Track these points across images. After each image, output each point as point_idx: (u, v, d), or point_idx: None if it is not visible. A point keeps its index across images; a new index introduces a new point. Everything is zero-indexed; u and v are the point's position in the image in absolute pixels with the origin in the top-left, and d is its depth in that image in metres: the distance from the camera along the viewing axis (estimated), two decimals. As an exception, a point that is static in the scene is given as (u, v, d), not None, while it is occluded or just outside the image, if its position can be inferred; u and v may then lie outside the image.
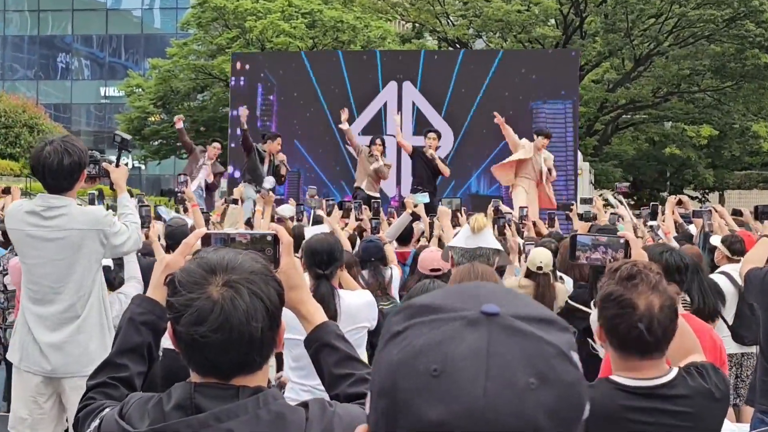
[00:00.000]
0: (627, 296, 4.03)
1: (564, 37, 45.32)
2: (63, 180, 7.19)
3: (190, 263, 2.94)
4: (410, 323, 1.71)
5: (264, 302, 2.84)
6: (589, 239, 5.03)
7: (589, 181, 32.02)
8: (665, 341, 4.09)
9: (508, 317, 1.67)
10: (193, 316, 2.79)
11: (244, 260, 2.90)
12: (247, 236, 3.54)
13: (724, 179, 52.96)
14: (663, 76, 45.88)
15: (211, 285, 2.82)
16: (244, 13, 48.62)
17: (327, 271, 6.87)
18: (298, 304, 3.54)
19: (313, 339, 3.55)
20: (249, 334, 2.80)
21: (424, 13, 47.74)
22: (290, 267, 3.51)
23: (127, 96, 54.95)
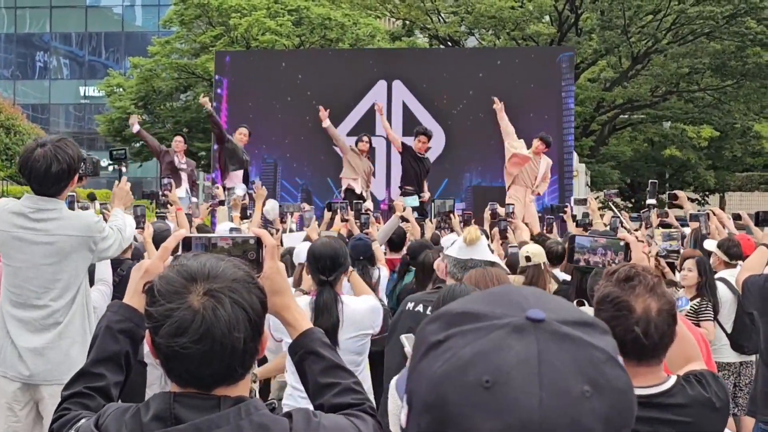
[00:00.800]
0: (624, 299, 3.97)
1: (559, 35, 44.65)
2: (49, 186, 7.11)
3: (169, 270, 2.87)
4: (450, 332, 1.69)
5: (246, 312, 2.79)
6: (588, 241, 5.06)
7: (585, 183, 31.31)
8: (663, 347, 4.01)
9: (554, 322, 1.66)
10: (173, 326, 2.74)
11: (225, 267, 2.85)
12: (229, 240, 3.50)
13: (725, 181, 52.69)
14: (661, 75, 45.48)
15: (191, 294, 2.76)
16: (228, 10, 48.35)
17: (331, 277, 6.90)
18: (283, 310, 3.50)
19: (298, 346, 3.52)
20: (231, 345, 2.76)
21: (414, 10, 47.30)
22: (274, 272, 3.46)
23: (108, 96, 54.64)
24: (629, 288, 3.98)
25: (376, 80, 23.62)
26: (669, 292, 4.10)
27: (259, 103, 23.89)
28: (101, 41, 79.19)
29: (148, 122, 51.53)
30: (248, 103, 23.88)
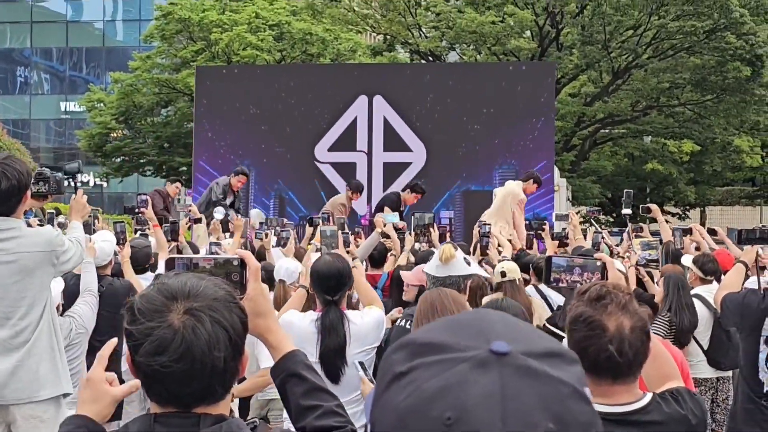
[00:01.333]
0: (596, 318, 3.95)
1: (540, 50, 44.54)
2: (1, 204, 7.06)
3: (150, 289, 2.87)
4: (414, 364, 1.67)
5: (227, 331, 2.78)
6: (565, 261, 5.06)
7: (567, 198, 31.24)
8: (637, 364, 4.01)
9: (518, 356, 1.64)
10: (153, 345, 2.73)
11: (206, 286, 2.84)
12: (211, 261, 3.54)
13: (705, 195, 52.56)
14: (642, 90, 45.41)
15: (171, 312, 2.75)
16: (209, 25, 48.23)
17: (336, 296, 6.95)
18: (266, 332, 3.49)
19: (281, 368, 3.51)
20: (211, 364, 2.74)
21: (395, 24, 47.16)
22: (257, 293, 3.47)
23: (88, 111, 54.36)
24: (601, 307, 3.97)
25: (357, 95, 23.49)
26: (641, 309, 4.09)
27: (239, 118, 23.75)
28: (82, 56, 79.00)
29: (129, 137, 51.49)
30: (229, 117, 23.77)
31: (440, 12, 45.47)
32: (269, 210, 22.84)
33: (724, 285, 8.21)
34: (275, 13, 50.12)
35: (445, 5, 45.64)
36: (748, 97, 43.34)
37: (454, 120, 23.06)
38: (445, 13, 45.05)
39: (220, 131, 23.59)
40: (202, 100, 24.74)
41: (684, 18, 41.12)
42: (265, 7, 50.56)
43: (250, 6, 50.73)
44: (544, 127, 23.20)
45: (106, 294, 9.37)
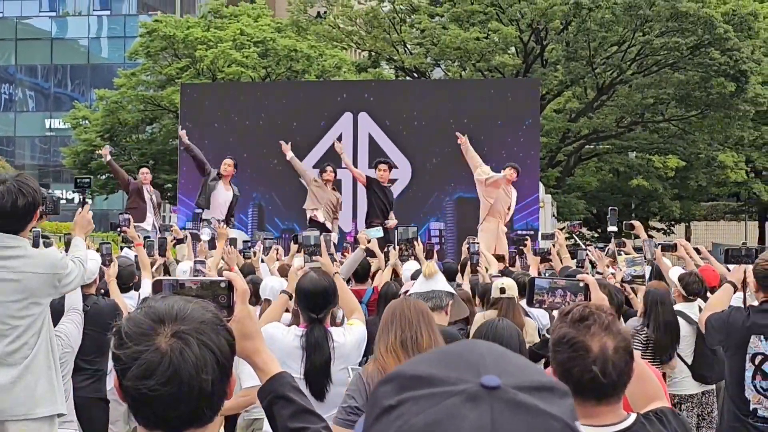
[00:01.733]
0: (579, 339, 3.94)
1: (524, 66, 44.68)
2: (16, 222, 7.04)
3: (137, 312, 2.85)
4: (403, 397, 1.65)
5: (215, 354, 2.76)
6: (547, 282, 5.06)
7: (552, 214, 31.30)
8: (621, 384, 3.98)
9: (509, 390, 1.63)
10: (141, 368, 2.71)
11: (193, 309, 2.82)
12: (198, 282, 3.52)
13: (690, 211, 52.62)
14: (626, 105, 45.55)
15: (159, 336, 2.74)
16: (194, 42, 48.31)
17: (321, 314, 6.95)
18: (253, 354, 3.49)
19: (268, 390, 3.50)
20: (199, 387, 2.72)
21: (380, 41, 47.28)
22: (245, 315, 3.46)
23: (73, 128, 54.37)
24: (584, 328, 3.95)
25: (342, 112, 23.56)
26: (625, 329, 4.08)
27: (225, 135, 23.76)
28: (67, 73, 78.90)
29: (114, 154, 51.32)
30: (215, 135, 23.75)
31: (425, 28, 45.52)
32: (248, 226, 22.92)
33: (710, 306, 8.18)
34: (260, 30, 50.20)
35: (430, 22, 45.70)
36: (732, 112, 43.43)
37: (439, 137, 23.04)
38: (429, 30, 45.13)
39: (206, 148, 23.56)
40: (187, 117, 24.71)
41: (668, 34, 41.24)
42: (250, 24, 50.62)
43: (234, 23, 50.78)
44: (528, 144, 23.25)
45: (91, 313, 9.31)
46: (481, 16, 44.20)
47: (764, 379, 7.64)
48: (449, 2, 45.71)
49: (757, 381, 7.66)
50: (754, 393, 7.68)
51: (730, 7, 41.06)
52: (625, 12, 40.79)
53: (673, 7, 40.00)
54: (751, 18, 41.35)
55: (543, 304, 4.99)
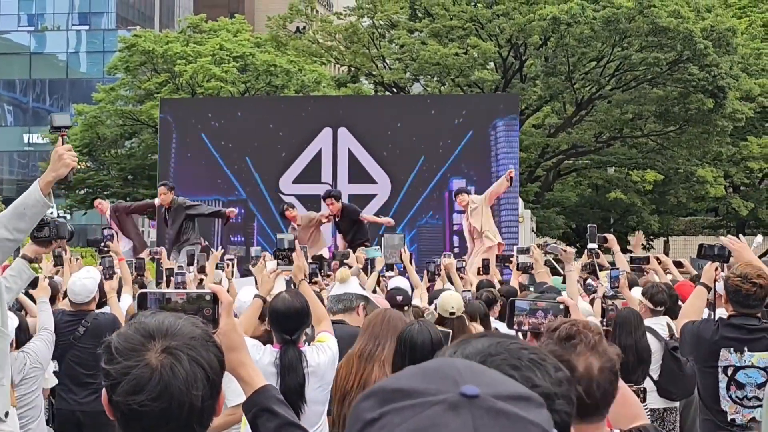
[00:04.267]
0: (565, 357, 3.84)
1: (503, 81, 44.74)
2: None
3: (127, 328, 2.85)
4: (385, 410, 1.68)
5: (205, 369, 2.77)
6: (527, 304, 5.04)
7: (531, 229, 31.39)
8: (605, 404, 3.96)
9: (489, 398, 1.67)
10: (131, 384, 2.70)
11: (183, 325, 2.83)
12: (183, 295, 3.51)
13: (669, 225, 52.67)
14: (605, 121, 45.64)
15: (149, 351, 2.74)
16: (173, 57, 48.23)
17: (294, 336, 7.00)
18: (238, 367, 3.50)
19: (253, 403, 3.51)
20: (189, 403, 2.72)
21: (359, 56, 47.40)
22: (230, 328, 3.47)
23: (52, 143, 53.62)
24: (570, 346, 3.94)
25: (322, 128, 23.47)
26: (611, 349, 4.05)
27: (204, 150, 23.70)
28: (45, 88, 78.79)
29: (93, 169, 51.26)
30: (192, 150, 23.71)
31: (404, 44, 45.66)
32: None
33: (685, 313, 8.22)
34: (239, 45, 50.19)
35: (409, 37, 45.77)
36: (710, 128, 43.54)
37: (418, 152, 23.08)
38: (408, 45, 45.23)
39: (185, 163, 23.53)
40: (166, 131, 24.66)
41: (647, 49, 41.35)
42: (229, 39, 50.61)
43: (214, 38, 50.76)
44: (507, 159, 23.21)
45: (91, 328, 9.48)
46: (460, 32, 44.25)
47: (739, 388, 7.69)
48: (428, 18, 45.79)
49: (732, 392, 7.72)
50: (731, 403, 7.73)
51: (709, 23, 41.18)
52: (604, 27, 40.87)
53: (652, 23, 40.11)
54: (730, 34, 41.49)
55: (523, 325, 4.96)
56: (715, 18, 42.04)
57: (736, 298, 7.72)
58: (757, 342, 7.68)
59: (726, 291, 7.79)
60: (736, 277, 7.67)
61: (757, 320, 7.76)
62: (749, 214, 49.32)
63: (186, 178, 23.23)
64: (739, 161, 47.10)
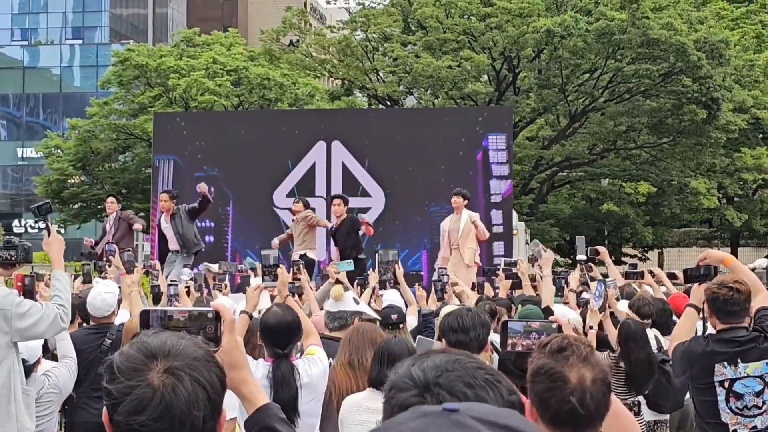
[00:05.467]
0: (558, 369, 3.95)
1: (497, 94, 44.72)
2: None
3: (129, 347, 2.84)
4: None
5: (206, 390, 2.76)
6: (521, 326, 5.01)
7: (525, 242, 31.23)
8: (599, 416, 3.97)
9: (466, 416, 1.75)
10: (133, 404, 2.69)
11: (186, 345, 2.82)
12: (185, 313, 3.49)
13: (663, 237, 52.82)
14: (599, 133, 45.58)
15: (151, 371, 2.73)
16: (167, 70, 48.35)
17: (286, 350, 7.07)
18: (240, 384, 3.50)
19: (254, 421, 3.52)
20: (191, 424, 2.72)
21: (353, 69, 47.39)
22: (232, 346, 3.46)
23: (46, 157, 54.26)
24: (563, 358, 3.96)
25: (316, 141, 23.46)
26: (602, 360, 4.14)
27: (198, 164, 23.70)
28: (39, 102, 78.79)
29: (87, 183, 51.31)
30: (187, 164, 23.70)
31: (397, 57, 45.64)
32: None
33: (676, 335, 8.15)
34: (233, 59, 50.31)
35: (402, 50, 45.81)
36: (704, 139, 43.51)
37: (412, 165, 23.07)
38: (402, 58, 45.25)
39: (178, 177, 23.51)
40: (160, 145, 24.66)
41: (640, 61, 41.35)
42: (223, 53, 50.73)
43: (207, 52, 50.86)
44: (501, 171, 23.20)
45: (116, 340, 9.51)
46: (454, 45, 44.30)
47: (738, 399, 7.68)
48: (421, 31, 45.82)
49: (732, 403, 7.70)
50: (732, 415, 7.73)
51: (702, 34, 41.17)
52: (597, 40, 40.90)
53: (645, 35, 40.12)
54: (723, 45, 41.50)
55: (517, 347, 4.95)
56: (708, 30, 42.01)
57: (715, 306, 7.70)
58: (749, 352, 7.67)
59: (707, 302, 7.77)
60: (713, 285, 7.69)
61: (745, 330, 7.74)
62: (743, 225, 49.40)
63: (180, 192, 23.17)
64: (733, 172, 47.15)
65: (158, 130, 25.48)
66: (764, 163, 46.23)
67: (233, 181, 23.63)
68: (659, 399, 10.17)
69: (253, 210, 23.51)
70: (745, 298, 7.70)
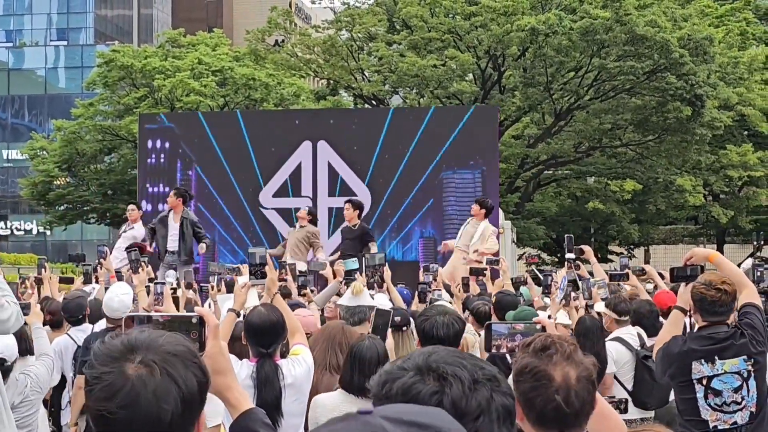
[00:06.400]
0: (542, 368, 3.95)
1: (482, 93, 44.74)
2: None
3: (113, 338, 2.84)
4: None
5: (179, 386, 2.73)
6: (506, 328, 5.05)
7: (512, 240, 31.35)
8: (584, 414, 3.98)
9: (376, 416, 1.85)
10: (104, 391, 2.71)
11: (166, 341, 2.82)
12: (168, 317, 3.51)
13: (649, 234, 52.91)
14: (584, 131, 45.71)
15: (128, 362, 2.74)
16: (152, 71, 48.28)
17: (270, 349, 7.05)
18: (225, 390, 3.50)
19: (239, 426, 3.52)
20: (157, 416, 2.69)
21: (338, 69, 47.38)
22: (216, 351, 3.47)
23: (31, 159, 54.10)
24: (546, 357, 3.96)
25: (301, 141, 23.37)
26: (587, 359, 4.08)
27: (183, 165, 23.67)
28: (24, 104, 78.64)
29: (72, 185, 51.23)
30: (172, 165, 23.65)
31: (382, 56, 45.63)
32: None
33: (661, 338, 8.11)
34: (218, 59, 50.26)
35: (387, 49, 45.80)
36: (689, 137, 43.59)
37: (398, 164, 23.03)
38: (387, 57, 45.22)
39: (164, 178, 23.45)
40: (145, 146, 24.59)
41: (624, 59, 41.38)
42: (208, 53, 50.70)
43: (192, 52, 50.82)
44: (487, 170, 23.23)
45: None
46: (439, 44, 44.30)
47: (716, 395, 7.72)
48: (406, 30, 45.85)
49: (710, 399, 7.74)
50: (711, 411, 7.76)
51: (686, 32, 41.27)
52: (582, 38, 40.92)
53: (630, 32, 40.18)
54: (707, 43, 41.57)
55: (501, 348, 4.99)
56: (692, 27, 42.09)
57: (702, 306, 7.74)
58: (727, 350, 7.70)
59: (692, 300, 7.80)
60: (701, 285, 7.69)
61: (726, 327, 7.76)
62: (729, 222, 49.49)
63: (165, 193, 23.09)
64: (718, 170, 47.23)
65: (143, 131, 25.35)
66: (749, 160, 46.26)
67: (219, 181, 23.53)
68: (644, 395, 10.30)
69: (240, 211, 23.41)
70: (732, 299, 7.73)
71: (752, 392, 7.75)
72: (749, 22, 52.96)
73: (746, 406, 7.76)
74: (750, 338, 7.69)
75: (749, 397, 7.75)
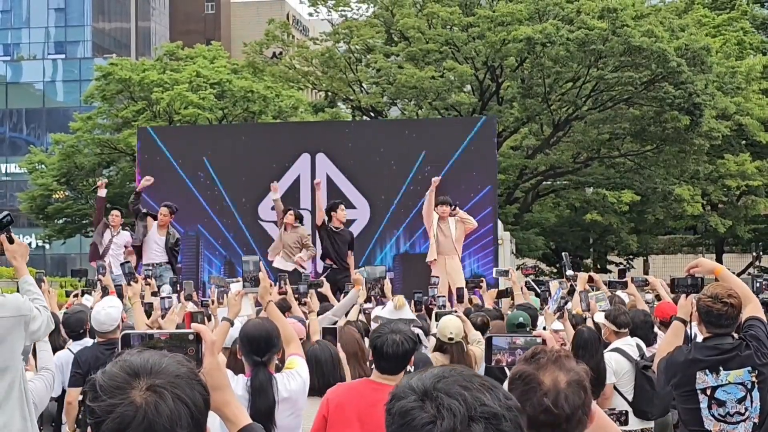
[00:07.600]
0: (531, 372, 3.99)
1: (481, 104, 44.79)
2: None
3: (112, 366, 2.83)
4: None
5: (189, 407, 2.76)
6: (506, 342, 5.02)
7: (511, 251, 31.39)
8: (576, 418, 3.96)
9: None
10: (115, 422, 2.69)
11: (168, 363, 2.83)
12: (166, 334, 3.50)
13: (647, 244, 52.90)
14: (582, 141, 45.72)
15: (134, 389, 2.73)
16: (150, 84, 48.23)
17: (264, 358, 7.04)
18: (223, 406, 3.50)
19: None
20: None
21: (336, 81, 47.45)
22: (214, 367, 3.48)
23: (30, 173, 54.07)
24: (535, 362, 4.01)
25: (300, 153, 23.38)
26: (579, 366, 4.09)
27: (181, 178, 23.64)
28: (22, 117, 78.68)
29: (71, 198, 51.22)
30: (172, 177, 23.64)
31: (380, 68, 45.74)
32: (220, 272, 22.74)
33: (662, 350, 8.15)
34: (216, 72, 50.26)
35: (385, 61, 45.87)
36: (687, 146, 43.58)
37: (396, 176, 23.02)
38: (385, 69, 45.34)
39: (163, 191, 23.43)
40: (143, 160, 24.61)
41: (622, 69, 41.37)
42: (206, 66, 50.69)
43: (190, 65, 50.83)
44: (486, 181, 23.25)
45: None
46: (437, 55, 44.34)
47: (720, 406, 7.73)
48: (404, 42, 45.89)
49: (714, 410, 7.75)
50: (714, 422, 7.77)
51: (683, 41, 41.28)
52: (579, 48, 40.93)
53: (626, 42, 40.17)
54: (704, 52, 41.58)
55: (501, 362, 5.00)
56: (689, 37, 42.10)
57: (708, 319, 7.74)
58: (731, 360, 7.72)
59: (698, 312, 7.80)
60: (707, 298, 7.70)
61: (730, 339, 7.79)
62: (727, 231, 49.50)
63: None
64: (717, 179, 47.23)
65: (142, 145, 25.35)
66: (747, 170, 46.28)
67: (217, 194, 23.54)
68: (645, 405, 10.30)
69: (238, 223, 23.40)
70: (738, 312, 7.75)
71: (756, 403, 7.75)
72: (746, 31, 53.05)
73: (749, 417, 7.77)
74: (755, 350, 7.72)
75: (753, 408, 7.76)
